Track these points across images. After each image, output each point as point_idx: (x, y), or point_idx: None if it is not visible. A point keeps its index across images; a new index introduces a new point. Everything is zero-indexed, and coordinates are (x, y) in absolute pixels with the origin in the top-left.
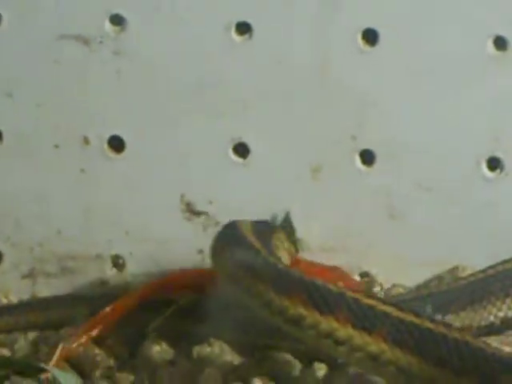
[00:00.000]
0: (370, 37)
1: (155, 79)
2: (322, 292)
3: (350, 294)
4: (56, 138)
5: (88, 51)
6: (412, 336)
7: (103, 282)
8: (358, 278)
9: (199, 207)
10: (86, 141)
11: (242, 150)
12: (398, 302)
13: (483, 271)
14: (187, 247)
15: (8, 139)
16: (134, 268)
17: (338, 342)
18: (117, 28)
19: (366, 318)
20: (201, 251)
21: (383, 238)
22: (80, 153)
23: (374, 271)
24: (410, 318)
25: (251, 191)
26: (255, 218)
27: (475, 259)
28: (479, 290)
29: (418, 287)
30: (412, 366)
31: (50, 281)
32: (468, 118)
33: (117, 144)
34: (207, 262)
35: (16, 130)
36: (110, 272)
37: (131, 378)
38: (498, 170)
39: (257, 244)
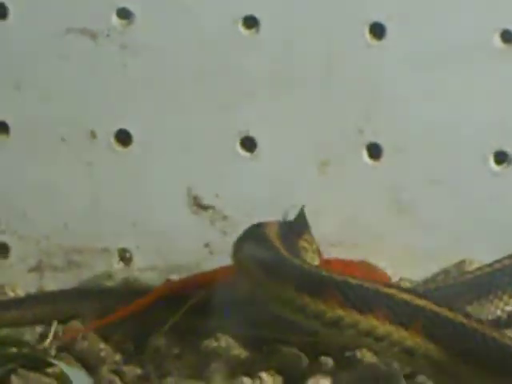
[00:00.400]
0: (378, 31)
1: (162, 73)
2: (357, 291)
3: (385, 290)
4: (63, 132)
5: (95, 45)
6: (445, 330)
7: (110, 276)
8: None
9: (206, 201)
10: (93, 134)
11: (249, 143)
12: (431, 295)
13: (490, 265)
14: (194, 241)
15: (15, 132)
16: (141, 262)
17: (378, 339)
18: (124, 22)
19: (402, 313)
20: (207, 245)
21: (391, 231)
22: (87, 146)
23: (381, 265)
24: (444, 312)
25: (258, 185)
26: (262, 211)
27: (482, 253)
28: (486, 284)
29: (426, 281)
30: (444, 360)
31: (56, 274)
32: (475, 111)
33: (124, 137)
34: (214, 256)
35: (23, 123)
36: (117, 265)
37: (138, 371)
38: (505, 164)
39: (283, 248)
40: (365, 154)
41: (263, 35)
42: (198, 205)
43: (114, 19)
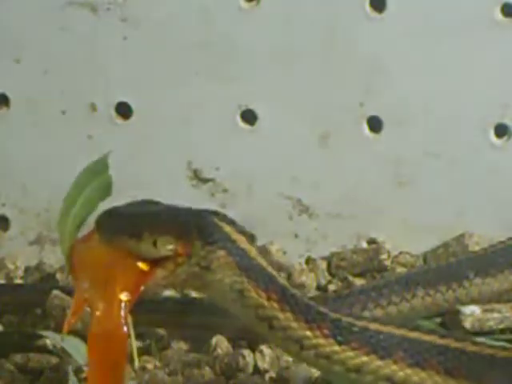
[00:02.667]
0: (378, 4)
1: (162, 46)
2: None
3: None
4: (63, 105)
5: (95, 18)
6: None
7: None
8: (365, 245)
9: (206, 174)
10: (94, 107)
11: (249, 116)
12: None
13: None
14: None
15: (15, 105)
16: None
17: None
18: None
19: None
20: None
21: (391, 204)
22: (87, 119)
23: (381, 238)
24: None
25: (259, 158)
26: (262, 184)
27: (482, 226)
28: None
29: (425, 255)
30: None
31: (56, 247)
32: (476, 84)
33: (124, 110)
34: None
35: (23, 96)
36: None
37: (138, 343)
38: (505, 137)
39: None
40: (365, 126)
41: (264, 8)
42: (198, 178)
43: None
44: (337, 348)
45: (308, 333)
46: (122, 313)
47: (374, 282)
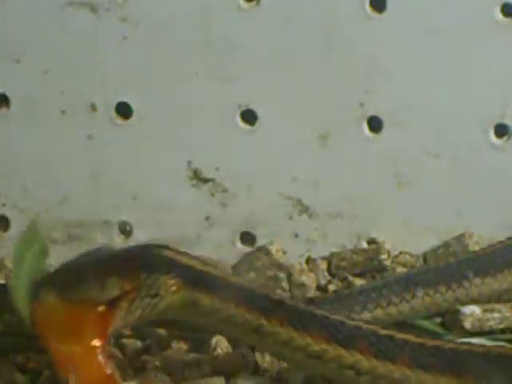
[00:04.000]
0: (378, 4)
1: (162, 46)
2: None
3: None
4: (63, 104)
5: (95, 18)
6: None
7: None
8: (365, 245)
9: (206, 174)
10: (94, 107)
11: (249, 116)
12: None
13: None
14: (194, 214)
15: (15, 105)
16: (141, 234)
17: (361, 373)
18: None
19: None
20: (208, 218)
21: (390, 204)
22: (87, 119)
23: (381, 238)
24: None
25: (259, 158)
26: (262, 184)
27: (482, 226)
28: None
29: (425, 255)
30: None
31: (56, 247)
32: (476, 84)
33: (124, 110)
34: (214, 228)
35: (23, 96)
36: (118, 238)
37: (139, 343)
38: (505, 137)
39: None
40: (365, 127)
41: (263, 8)
42: (198, 178)
43: None
44: (294, 334)
45: (264, 321)
46: (101, 358)
47: (374, 282)
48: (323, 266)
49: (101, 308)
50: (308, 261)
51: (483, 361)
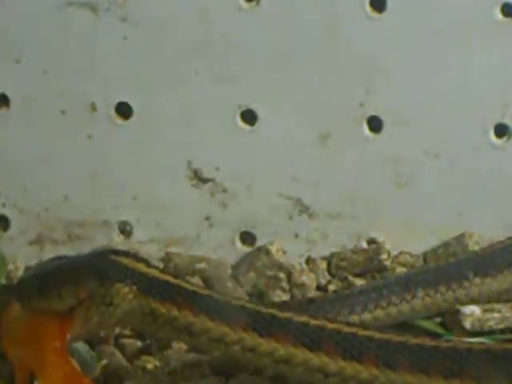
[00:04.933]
0: (378, 3)
1: (162, 46)
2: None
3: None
4: (63, 104)
5: (95, 18)
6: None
7: None
8: (365, 245)
9: (206, 174)
10: (93, 107)
11: (249, 116)
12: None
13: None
14: (194, 214)
15: (15, 105)
16: (141, 234)
17: (329, 375)
18: None
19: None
20: (208, 218)
21: (390, 204)
22: (87, 119)
23: (381, 238)
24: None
25: (259, 158)
26: (262, 184)
27: (482, 226)
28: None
29: (425, 255)
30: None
31: (57, 247)
32: (476, 84)
33: (124, 110)
34: (214, 228)
35: (23, 96)
36: (118, 238)
37: (138, 343)
38: (505, 137)
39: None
40: (365, 127)
41: (264, 8)
42: (198, 178)
43: None
44: (260, 340)
45: (227, 329)
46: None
47: (374, 282)
48: (323, 265)
49: (61, 316)
50: (308, 261)
51: (452, 357)
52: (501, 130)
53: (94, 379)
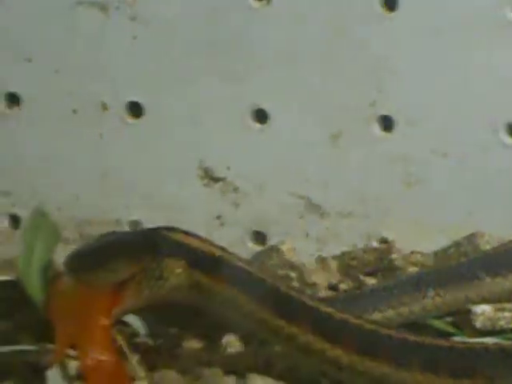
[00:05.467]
0: (390, 2)
1: (172, 44)
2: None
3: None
4: (74, 104)
5: (105, 17)
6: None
7: None
8: (376, 245)
9: (217, 173)
10: (104, 106)
11: (260, 115)
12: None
13: None
14: (205, 213)
15: (26, 104)
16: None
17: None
18: None
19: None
20: (219, 217)
21: (401, 204)
22: (98, 118)
23: (392, 238)
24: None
25: (270, 157)
26: (273, 183)
27: (493, 225)
28: None
29: (436, 254)
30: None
31: (68, 246)
32: (487, 83)
33: (135, 109)
34: (225, 228)
35: (34, 96)
36: None
37: (150, 342)
38: None
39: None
40: (376, 126)
41: (274, 7)
42: (209, 177)
43: None
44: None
45: (256, 307)
46: (105, 336)
47: (385, 282)
48: (334, 265)
49: (109, 291)
50: (319, 260)
51: (466, 357)
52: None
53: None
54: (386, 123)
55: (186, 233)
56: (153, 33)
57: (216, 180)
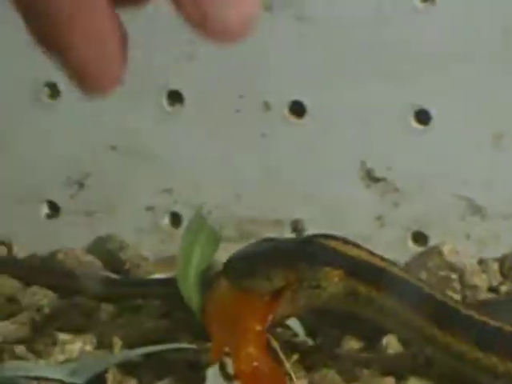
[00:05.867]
0: None
1: (337, 45)
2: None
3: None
4: (237, 103)
5: (270, 16)
6: None
7: None
8: None
9: (378, 173)
10: (267, 106)
11: (423, 116)
12: None
13: None
14: (365, 213)
15: (189, 103)
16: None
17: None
18: None
19: None
20: (379, 217)
21: None
22: (261, 118)
23: None
24: None
25: (431, 158)
26: (433, 184)
27: None
28: None
29: None
30: None
31: (228, 245)
32: None
33: (297, 109)
34: (385, 228)
35: (198, 95)
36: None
37: (309, 342)
38: None
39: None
40: None
41: (439, 7)
42: (370, 177)
43: None
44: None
45: (413, 316)
46: (260, 342)
47: None
48: (495, 267)
49: (264, 299)
50: (480, 262)
51: None
52: None
53: None
54: None
55: (344, 240)
56: (318, 33)
57: (376, 180)
